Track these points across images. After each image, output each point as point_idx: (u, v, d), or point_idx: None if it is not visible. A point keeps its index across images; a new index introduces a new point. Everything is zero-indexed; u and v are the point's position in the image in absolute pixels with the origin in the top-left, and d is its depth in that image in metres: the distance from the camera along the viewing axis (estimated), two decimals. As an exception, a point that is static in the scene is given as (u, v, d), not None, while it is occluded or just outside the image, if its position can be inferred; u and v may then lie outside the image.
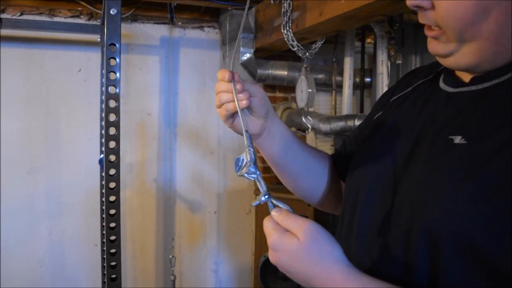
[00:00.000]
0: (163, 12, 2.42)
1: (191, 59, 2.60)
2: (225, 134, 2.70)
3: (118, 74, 1.55)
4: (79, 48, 2.33)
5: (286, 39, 2.00)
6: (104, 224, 1.67)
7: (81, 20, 2.33)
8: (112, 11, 1.48)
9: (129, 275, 2.50)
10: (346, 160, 0.91)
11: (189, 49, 2.59)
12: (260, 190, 0.70)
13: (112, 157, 1.60)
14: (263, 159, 0.94)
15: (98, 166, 2.01)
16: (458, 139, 0.63)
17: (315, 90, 2.18)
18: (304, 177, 0.95)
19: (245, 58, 2.36)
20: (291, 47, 2.03)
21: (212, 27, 2.64)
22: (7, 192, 2.23)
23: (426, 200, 0.62)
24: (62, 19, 2.28)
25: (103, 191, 1.66)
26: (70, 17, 2.31)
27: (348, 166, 0.88)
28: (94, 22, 2.32)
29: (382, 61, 2.30)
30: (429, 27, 0.68)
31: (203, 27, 2.62)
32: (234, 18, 2.38)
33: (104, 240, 1.67)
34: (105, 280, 1.67)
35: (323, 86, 2.72)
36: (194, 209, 2.67)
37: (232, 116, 0.81)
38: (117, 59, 1.54)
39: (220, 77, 0.78)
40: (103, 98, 1.62)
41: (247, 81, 0.81)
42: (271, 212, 0.66)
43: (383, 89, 2.26)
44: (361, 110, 2.67)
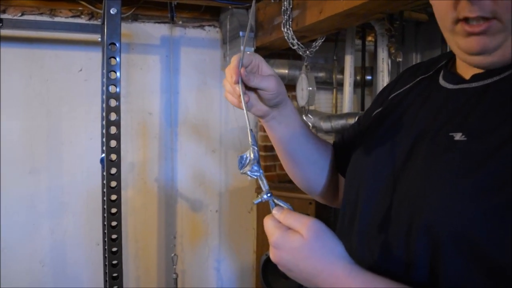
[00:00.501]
0: (163, 12, 2.43)
1: (191, 58, 2.60)
2: (227, 133, 2.71)
3: (118, 74, 1.55)
4: (80, 48, 2.34)
5: (286, 37, 2.00)
6: (105, 223, 1.68)
7: (82, 20, 2.33)
8: (112, 11, 1.49)
9: (131, 274, 2.50)
10: (345, 154, 0.91)
11: (189, 48, 2.59)
12: (262, 188, 0.70)
13: (113, 156, 1.61)
14: (265, 158, 0.94)
15: (99, 165, 2.01)
16: (458, 136, 0.63)
17: (316, 88, 2.18)
18: (304, 167, 0.95)
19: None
20: (291, 45, 2.03)
21: (212, 26, 2.64)
22: (9, 192, 2.24)
23: (426, 198, 0.62)
24: (63, 19, 2.29)
25: (104, 190, 1.67)
26: (71, 17, 2.31)
27: (346, 160, 0.88)
28: (95, 22, 2.33)
29: (382, 59, 2.30)
30: (468, 23, 0.62)
31: (203, 26, 2.62)
32: (235, 17, 2.38)
33: (106, 239, 1.68)
34: (107, 279, 1.68)
35: (324, 84, 2.73)
36: (195, 208, 2.67)
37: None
38: (117, 59, 1.54)
39: (227, 77, 0.78)
40: (104, 97, 1.62)
41: (261, 73, 0.79)
42: (272, 211, 0.66)
43: (383, 86, 2.26)
44: (362, 108, 2.67)
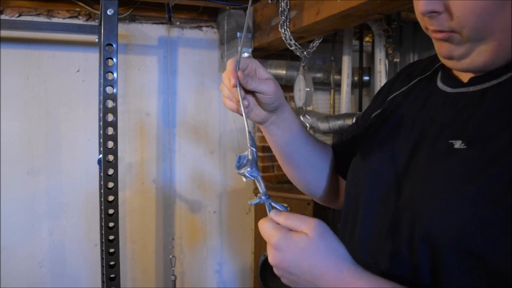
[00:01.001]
0: (161, 12, 2.43)
1: (189, 59, 2.61)
2: (225, 134, 2.71)
3: (115, 74, 1.55)
4: (77, 48, 2.34)
5: (283, 38, 2.00)
6: (102, 223, 1.68)
7: (79, 21, 2.33)
8: (109, 12, 1.49)
9: (129, 275, 2.50)
10: (344, 156, 0.90)
11: (187, 49, 2.60)
12: (260, 190, 0.69)
13: (110, 157, 1.61)
14: (262, 159, 0.93)
15: (97, 166, 2.02)
16: (458, 144, 0.63)
17: (313, 89, 2.18)
18: (303, 170, 0.94)
19: (243, 57, 2.36)
20: (288, 46, 2.03)
21: (210, 27, 2.65)
22: (7, 192, 2.24)
23: (426, 206, 0.62)
24: (60, 20, 2.29)
25: (102, 191, 1.67)
26: (68, 17, 2.31)
27: (345, 162, 0.87)
28: (92, 23, 2.33)
29: (380, 59, 2.30)
30: (437, 30, 0.64)
31: (201, 27, 2.63)
32: (232, 18, 2.39)
33: (103, 240, 1.68)
34: (104, 280, 1.68)
35: (321, 85, 2.73)
36: (194, 209, 2.67)
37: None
38: (114, 60, 1.54)
39: (225, 81, 0.77)
40: (101, 98, 1.62)
41: (259, 77, 0.78)
42: (270, 214, 0.65)
43: (382, 86, 2.27)
44: (360, 108, 2.67)
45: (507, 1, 0.58)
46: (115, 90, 1.56)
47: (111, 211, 1.65)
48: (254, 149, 0.70)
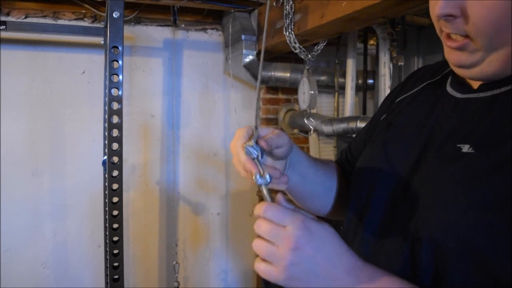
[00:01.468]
0: (166, 15, 2.44)
1: (194, 61, 2.61)
2: (229, 136, 2.71)
3: (121, 77, 1.56)
4: (83, 50, 2.35)
5: (288, 41, 2.01)
6: (107, 224, 1.68)
7: (85, 23, 2.35)
8: (115, 14, 1.50)
9: (133, 276, 2.51)
10: (353, 167, 0.90)
11: (192, 51, 2.61)
12: (259, 173, 0.67)
13: (115, 159, 1.62)
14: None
15: (102, 168, 2.02)
16: (466, 148, 0.63)
17: (317, 92, 2.18)
18: (314, 196, 0.92)
19: (248, 60, 2.37)
20: (293, 49, 2.03)
21: (215, 29, 2.65)
22: (12, 194, 2.25)
23: (432, 209, 0.62)
24: (66, 22, 2.31)
25: (106, 192, 1.68)
26: (74, 19, 2.33)
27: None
28: (98, 25, 2.34)
29: (384, 63, 2.30)
30: (449, 37, 0.64)
31: (206, 29, 2.64)
32: (237, 21, 2.40)
33: (107, 241, 1.69)
34: (108, 281, 1.68)
35: (325, 88, 2.73)
36: (197, 211, 2.68)
37: None
38: (120, 62, 1.55)
39: (248, 174, 0.72)
40: (106, 100, 1.63)
41: (272, 136, 0.72)
42: (279, 200, 0.61)
43: (385, 90, 2.27)
44: (364, 111, 2.67)
45: None
46: (120, 92, 1.57)
47: (115, 213, 1.66)
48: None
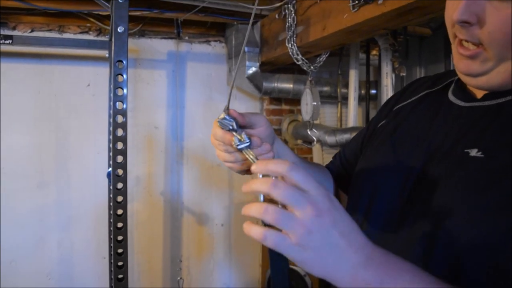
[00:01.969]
0: (170, 28, 2.47)
1: (197, 73, 2.64)
2: (232, 147, 2.72)
3: (125, 90, 1.58)
4: (88, 63, 2.38)
5: (290, 53, 2.03)
6: (111, 236, 1.69)
7: (90, 36, 2.38)
8: (120, 29, 1.52)
9: None
10: (348, 171, 0.90)
11: (195, 63, 2.63)
12: (237, 138, 0.67)
13: (119, 171, 1.63)
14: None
15: (106, 179, 2.04)
16: (474, 152, 0.63)
17: (320, 102, 2.20)
18: None
19: (251, 71, 2.39)
20: (295, 60, 2.05)
21: (218, 42, 2.68)
22: (17, 205, 2.27)
23: (444, 212, 0.62)
24: (71, 35, 2.34)
25: (111, 204, 1.69)
26: (79, 33, 2.36)
27: (349, 177, 0.87)
28: (103, 38, 2.37)
29: (386, 73, 2.31)
30: (462, 45, 0.65)
31: (209, 41, 2.66)
32: (240, 33, 2.42)
33: (112, 253, 1.69)
34: (113, 293, 1.69)
35: (328, 98, 2.75)
36: (201, 222, 2.68)
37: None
38: (124, 76, 1.57)
39: (221, 146, 0.72)
40: (111, 112, 1.65)
41: (247, 113, 0.73)
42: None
43: (388, 98, 2.27)
44: (367, 122, 2.67)
45: None
46: (124, 106, 1.58)
47: (120, 225, 1.66)
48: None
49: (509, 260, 0.55)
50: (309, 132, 2.30)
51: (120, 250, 1.67)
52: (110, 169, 1.68)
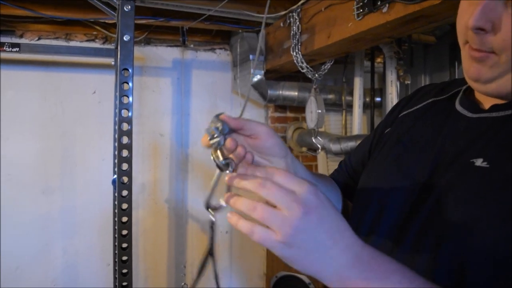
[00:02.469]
0: (175, 35, 2.48)
1: (202, 80, 2.65)
2: (237, 154, 2.72)
3: (131, 98, 1.59)
4: (93, 70, 2.39)
5: (295, 61, 2.03)
6: (116, 244, 1.69)
7: (96, 44, 2.39)
8: (126, 38, 1.53)
9: (141, 295, 2.51)
10: (353, 179, 0.90)
11: (201, 71, 2.64)
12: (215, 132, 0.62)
13: (124, 179, 1.64)
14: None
15: (111, 186, 2.04)
16: (479, 162, 0.62)
17: (325, 110, 2.20)
18: None
19: (256, 79, 2.39)
20: (300, 68, 2.06)
21: (223, 49, 2.69)
22: (22, 212, 2.28)
23: (449, 225, 0.62)
24: (77, 43, 2.35)
25: (116, 211, 1.69)
26: (85, 41, 2.38)
27: (354, 185, 0.87)
28: (109, 46, 2.39)
29: (391, 81, 2.31)
30: (475, 48, 0.64)
31: (214, 49, 2.67)
32: (245, 41, 2.43)
33: (116, 260, 1.70)
34: (117, 300, 1.69)
35: (333, 106, 2.75)
36: (206, 229, 2.66)
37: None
38: (130, 84, 1.58)
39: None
40: (116, 120, 1.66)
41: (248, 119, 0.67)
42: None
43: (394, 104, 2.27)
44: (372, 129, 2.67)
45: None
46: (130, 114, 1.59)
47: (124, 232, 1.67)
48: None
49: None
50: (313, 140, 2.30)
51: (124, 258, 1.67)
52: (115, 176, 1.69)
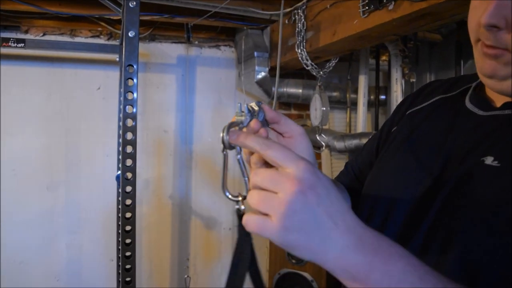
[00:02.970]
0: (180, 32, 2.48)
1: (207, 77, 2.65)
2: (241, 151, 2.72)
3: (135, 94, 1.59)
4: (98, 66, 2.40)
5: (300, 58, 2.03)
6: (119, 239, 1.70)
7: (101, 40, 2.40)
8: (131, 34, 1.53)
9: (144, 291, 2.52)
10: (361, 179, 0.89)
11: (205, 68, 2.64)
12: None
13: (128, 175, 1.64)
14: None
15: (115, 182, 2.05)
16: (489, 160, 0.61)
17: (329, 108, 2.19)
18: None
19: (260, 76, 2.39)
20: (305, 66, 2.05)
21: (228, 46, 2.69)
22: (27, 207, 2.29)
23: (459, 224, 0.61)
24: (82, 39, 2.36)
25: (119, 207, 1.70)
26: (90, 37, 2.38)
27: (361, 185, 0.85)
28: (113, 42, 2.39)
29: (396, 79, 2.31)
30: (489, 45, 0.62)
31: (219, 46, 2.67)
32: (250, 38, 2.42)
33: (120, 255, 1.70)
34: (120, 296, 1.70)
35: (338, 103, 2.74)
36: (209, 226, 2.69)
37: None
38: (134, 80, 1.58)
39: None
40: (121, 116, 1.66)
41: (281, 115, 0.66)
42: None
43: (401, 101, 2.27)
44: (376, 127, 2.67)
45: None
46: (134, 110, 1.59)
47: (128, 228, 1.67)
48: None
49: None
50: (318, 137, 2.30)
51: (128, 253, 1.68)
52: (119, 172, 1.69)
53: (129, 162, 1.63)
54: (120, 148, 1.65)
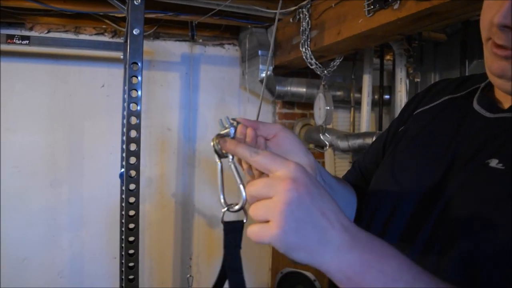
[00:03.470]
0: (184, 30, 2.48)
1: (211, 75, 2.65)
2: (244, 150, 2.72)
3: (139, 92, 1.59)
4: (102, 64, 2.40)
5: (304, 57, 2.02)
6: (123, 237, 1.70)
7: (105, 38, 2.40)
8: (135, 31, 1.53)
9: (146, 288, 2.52)
10: (368, 178, 0.88)
11: (209, 66, 2.64)
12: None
13: (132, 173, 1.64)
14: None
15: (119, 180, 2.05)
16: (494, 163, 0.61)
17: (333, 107, 2.19)
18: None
19: (264, 75, 2.39)
20: (309, 65, 2.05)
21: (232, 45, 2.69)
22: (30, 203, 2.29)
23: (460, 226, 0.61)
24: (87, 37, 2.36)
25: (123, 204, 1.70)
26: (94, 34, 2.38)
27: (369, 183, 0.85)
28: (118, 40, 2.39)
29: (400, 79, 2.30)
30: (499, 45, 0.61)
31: (223, 44, 2.67)
32: (254, 36, 2.42)
33: (123, 253, 1.70)
34: (123, 293, 1.70)
35: (341, 103, 2.74)
36: (212, 224, 2.69)
37: None
38: (139, 77, 1.58)
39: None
40: (125, 114, 1.66)
41: (261, 122, 0.68)
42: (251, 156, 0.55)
43: (401, 106, 2.26)
44: (380, 127, 2.66)
45: None
46: (139, 107, 1.59)
47: (131, 226, 1.67)
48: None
49: None
50: (321, 137, 2.29)
51: (131, 251, 1.68)
52: (123, 170, 1.69)
53: (133, 160, 1.63)
54: (124, 146, 1.65)
